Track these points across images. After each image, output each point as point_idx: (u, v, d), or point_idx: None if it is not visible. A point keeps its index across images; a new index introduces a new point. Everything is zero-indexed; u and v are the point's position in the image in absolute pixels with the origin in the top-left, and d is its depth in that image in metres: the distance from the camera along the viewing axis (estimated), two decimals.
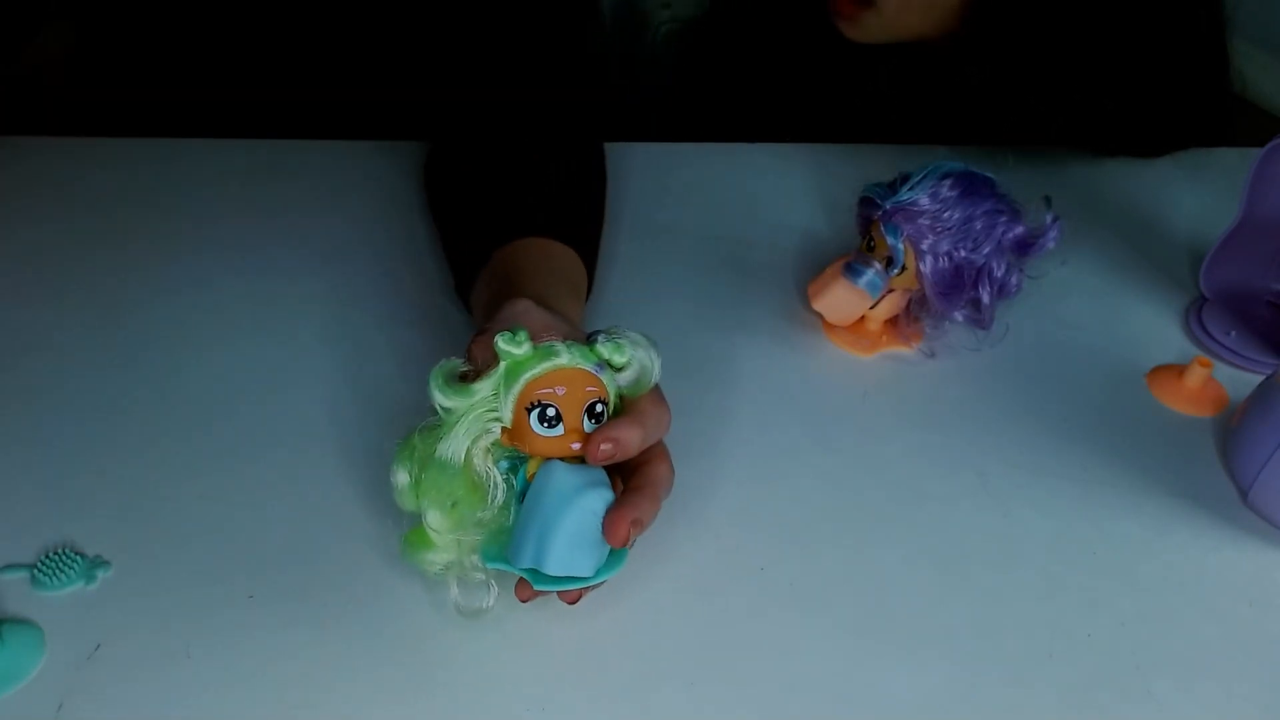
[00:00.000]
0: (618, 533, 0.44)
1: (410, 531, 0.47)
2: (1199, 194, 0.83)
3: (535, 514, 0.44)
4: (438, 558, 0.46)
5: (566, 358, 0.45)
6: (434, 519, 0.45)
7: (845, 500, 0.56)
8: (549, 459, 0.45)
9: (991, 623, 0.50)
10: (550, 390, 0.44)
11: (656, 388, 0.48)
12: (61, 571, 0.49)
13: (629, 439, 0.45)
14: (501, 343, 0.44)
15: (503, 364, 0.45)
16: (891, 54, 0.82)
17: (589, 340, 0.47)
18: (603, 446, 0.44)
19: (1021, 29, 0.74)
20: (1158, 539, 0.55)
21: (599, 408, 0.45)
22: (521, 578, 0.45)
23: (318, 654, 0.47)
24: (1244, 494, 0.56)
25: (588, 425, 0.45)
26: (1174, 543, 0.55)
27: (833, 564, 0.53)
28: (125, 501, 0.53)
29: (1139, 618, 0.51)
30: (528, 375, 0.44)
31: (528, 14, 0.72)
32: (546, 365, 0.44)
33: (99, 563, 0.50)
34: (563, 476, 0.45)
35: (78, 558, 0.49)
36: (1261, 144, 0.65)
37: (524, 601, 0.46)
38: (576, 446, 0.44)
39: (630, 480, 0.47)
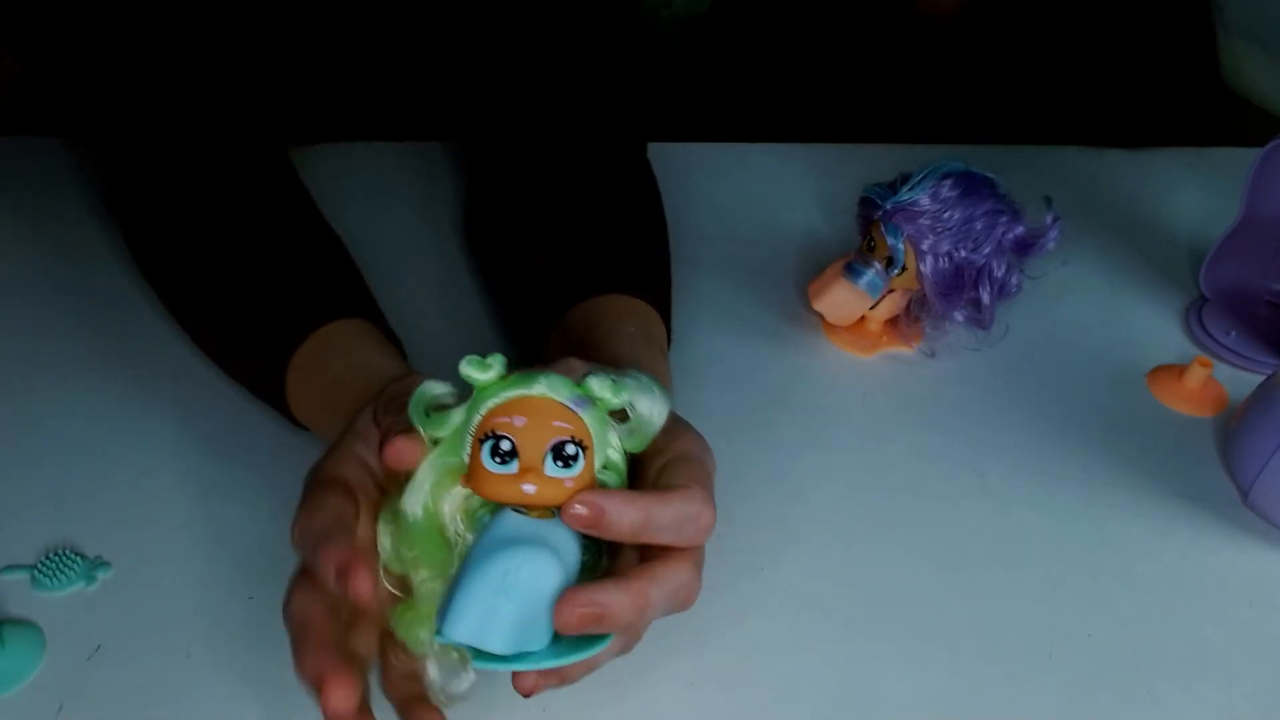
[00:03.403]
0: (561, 614, 0.36)
1: (401, 605, 0.40)
2: (1199, 194, 0.83)
3: (461, 571, 0.37)
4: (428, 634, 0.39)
5: (538, 387, 0.38)
6: (416, 585, 0.39)
7: (845, 500, 0.56)
8: (502, 507, 0.38)
9: (991, 623, 0.50)
10: (508, 420, 0.37)
11: (708, 476, 0.41)
12: (62, 572, 0.49)
13: (617, 514, 0.37)
14: (467, 367, 0.38)
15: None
16: (895, 44, 0.82)
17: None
18: (575, 507, 0.37)
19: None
20: (1158, 539, 0.55)
21: (569, 449, 0.37)
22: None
23: None
24: (1244, 494, 0.56)
25: (551, 468, 0.37)
26: (1174, 543, 0.55)
27: (833, 564, 0.53)
28: (125, 502, 0.53)
29: (1139, 618, 0.51)
30: (489, 403, 0.38)
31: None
32: (510, 393, 0.38)
33: (99, 563, 0.50)
34: (501, 525, 0.38)
35: (78, 558, 0.49)
36: (1261, 144, 0.65)
37: (526, 695, 0.39)
38: (529, 490, 0.37)
39: (632, 567, 0.39)
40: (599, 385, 0.39)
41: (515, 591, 0.36)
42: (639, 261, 0.60)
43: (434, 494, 0.39)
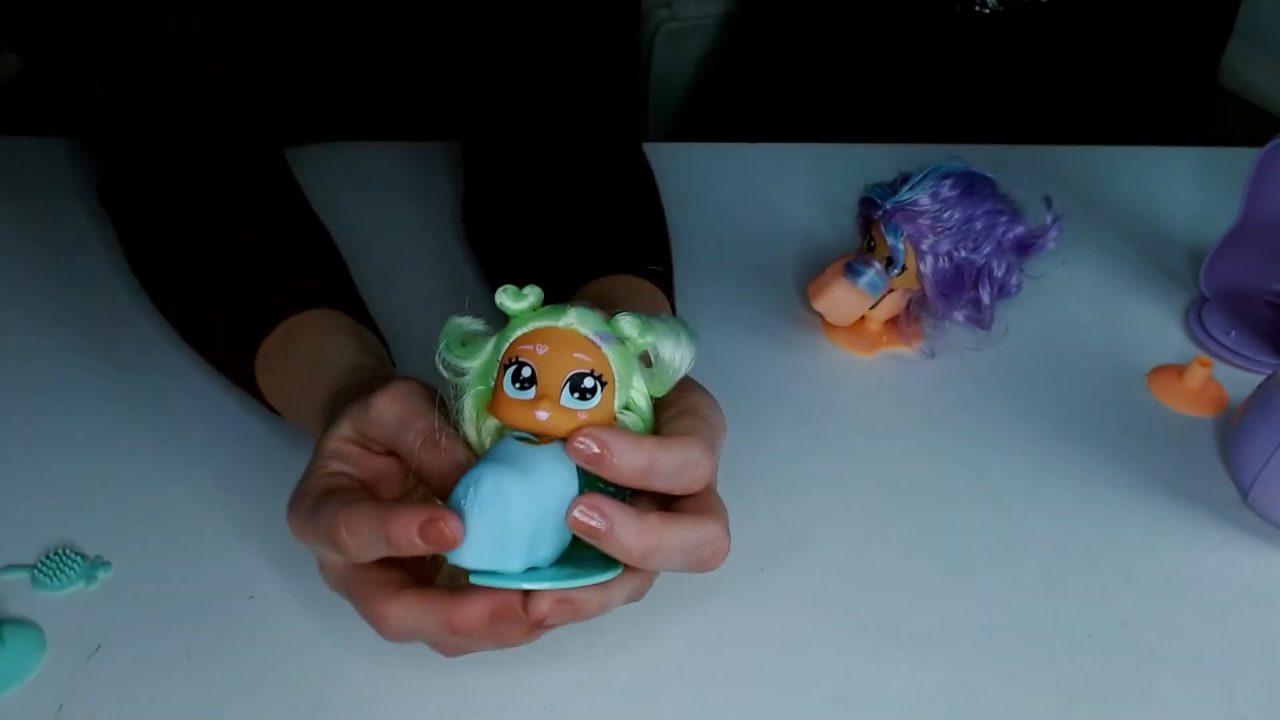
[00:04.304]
0: (570, 513, 0.36)
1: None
2: (1199, 194, 0.83)
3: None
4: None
5: (565, 319, 0.38)
6: None
7: (845, 500, 0.56)
8: (509, 435, 0.39)
9: (991, 623, 0.50)
10: (531, 348, 0.38)
11: (714, 432, 0.41)
12: (62, 572, 0.49)
13: (621, 454, 0.37)
14: (503, 297, 0.39)
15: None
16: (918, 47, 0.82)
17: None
18: (579, 440, 0.37)
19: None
20: (1158, 539, 0.55)
21: (588, 382, 0.38)
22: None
23: (318, 655, 0.47)
24: (1244, 494, 0.56)
25: (567, 398, 0.37)
26: (1174, 543, 0.55)
27: (832, 564, 0.53)
28: (125, 501, 0.53)
29: (1139, 618, 0.51)
30: (519, 331, 0.38)
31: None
32: (538, 323, 0.38)
33: (99, 563, 0.50)
34: (496, 449, 0.38)
35: (78, 558, 0.49)
36: (1261, 144, 0.65)
37: (538, 623, 0.37)
38: (542, 416, 0.37)
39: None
40: (627, 323, 0.39)
41: (475, 506, 0.36)
42: (641, 244, 0.60)
43: (476, 424, 0.40)
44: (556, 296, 0.55)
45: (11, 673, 0.45)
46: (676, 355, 0.40)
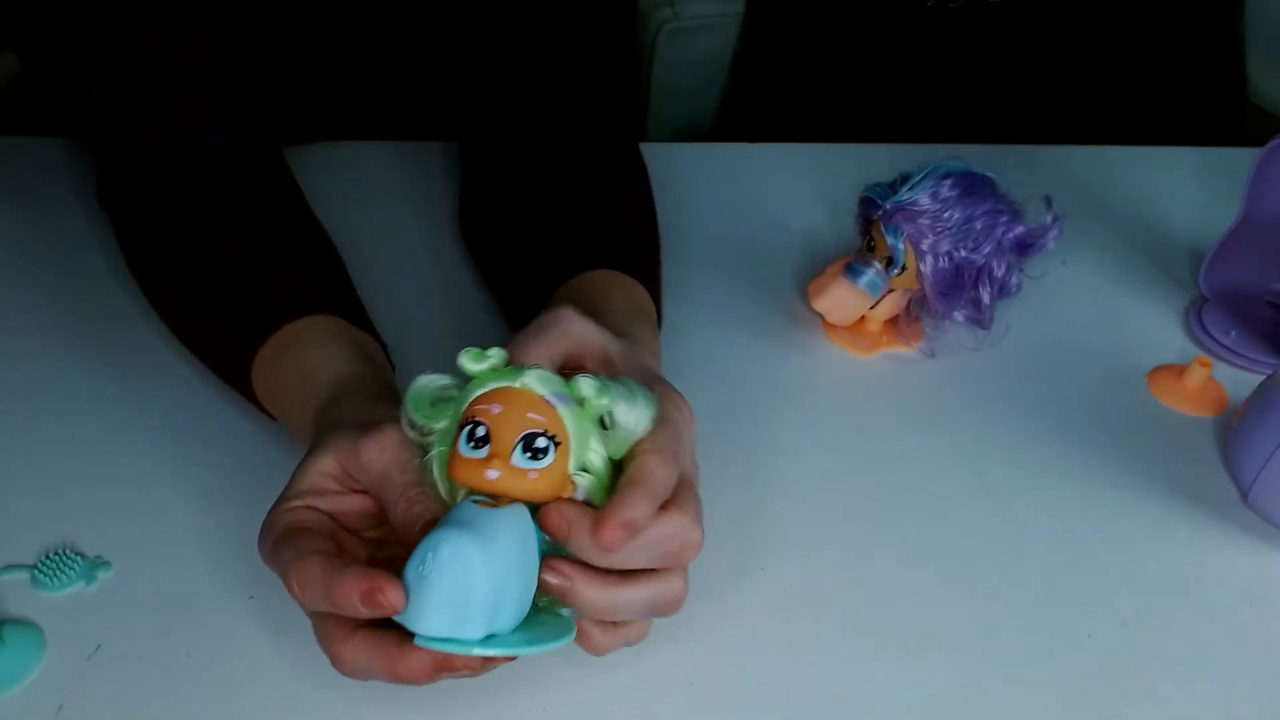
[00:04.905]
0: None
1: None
2: (1199, 194, 0.83)
3: None
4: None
5: (522, 379, 0.38)
6: None
7: (845, 500, 0.56)
8: (468, 498, 0.39)
9: (991, 623, 0.50)
10: (486, 408, 0.38)
11: (666, 444, 0.41)
12: (62, 572, 0.49)
13: (639, 511, 0.38)
14: (464, 359, 0.39)
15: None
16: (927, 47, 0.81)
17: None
18: (609, 532, 0.37)
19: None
20: (1158, 539, 0.55)
21: (540, 441, 0.38)
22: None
23: (318, 655, 0.47)
24: (1244, 494, 0.56)
25: (519, 458, 0.37)
26: (1174, 543, 0.55)
27: (833, 564, 0.53)
28: (125, 501, 0.53)
29: (1139, 618, 0.51)
30: (476, 393, 0.39)
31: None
32: (496, 383, 0.39)
33: (99, 563, 0.50)
34: (453, 512, 0.38)
35: (78, 558, 0.49)
36: (1261, 144, 0.65)
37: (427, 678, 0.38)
38: (492, 475, 0.37)
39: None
40: (585, 385, 0.39)
41: (434, 572, 0.36)
42: (627, 241, 0.60)
43: (443, 484, 0.40)
44: (543, 292, 0.54)
45: (11, 673, 0.45)
46: (632, 418, 0.40)
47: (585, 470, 0.40)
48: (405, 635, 0.38)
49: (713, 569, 0.52)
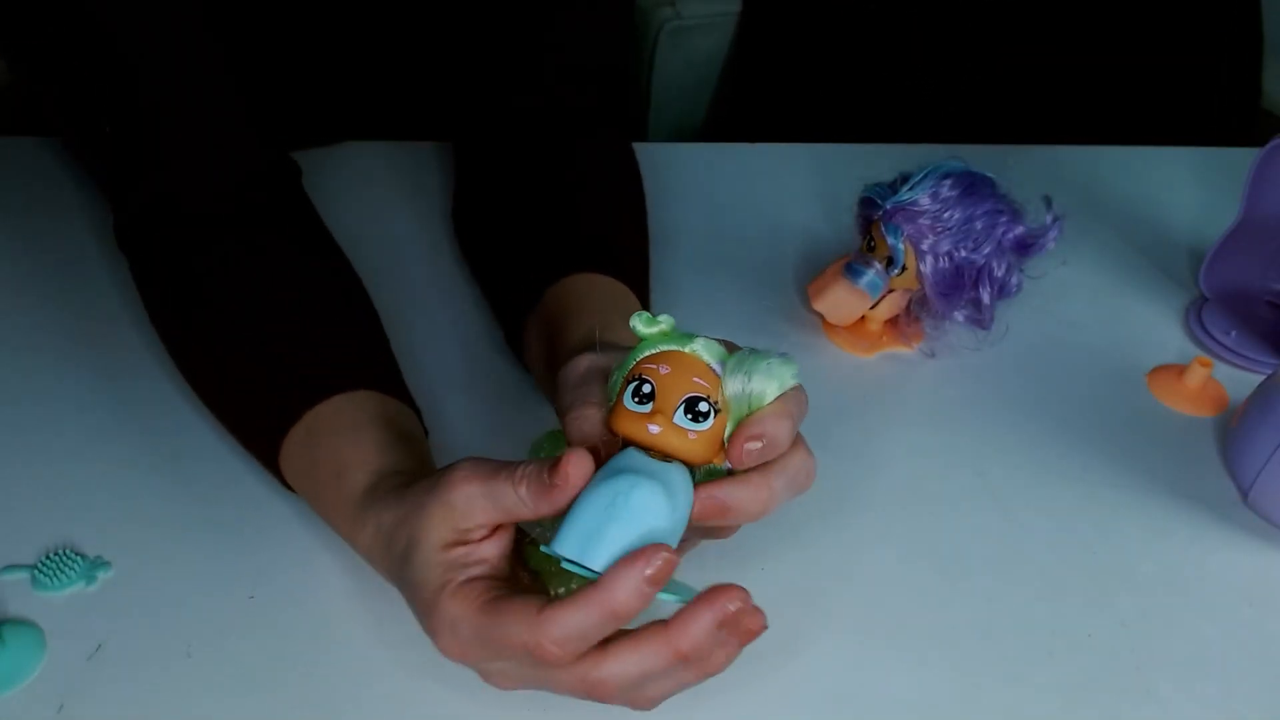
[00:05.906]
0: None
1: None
2: (1199, 194, 0.83)
3: (580, 494, 0.39)
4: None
5: (691, 345, 0.40)
6: None
7: (845, 500, 0.56)
8: (626, 447, 0.40)
9: (991, 623, 0.50)
10: (654, 367, 0.40)
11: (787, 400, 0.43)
12: (62, 572, 0.49)
13: (778, 430, 0.40)
14: (636, 321, 0.41)
15: None
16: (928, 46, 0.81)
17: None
18: (748, 445, 0.40)
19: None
20: (1158, 539, 0.55)
21: (702, 405, 0.39)
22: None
23: (318, 655, 0.47)
24: (1244, 494, 0.56)
25: (680, 418, 0.39)
26: (1174, 543, 0.55)
27: (832, 564, 0.53)
28: (125, 501, 0.53)
29: (1139, 618, 0.51)
30: (645, 353, 0.41)
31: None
32: (665, 346, 0.41)
33: (99, 563, 0.50)
34: (622, 457, 0.40)
35: (78, 558, 0.49)
36: (1262, 144, 0.65)
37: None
38: (654, 430, 0.39)
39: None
40: (739, 359, 0.41)
41: (622, 515, 0.38)
42: (614, 243, 0.60)
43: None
44: (529, 296, 0.55)
45: (11, 673, 0.45)
46: (749, 395, 0.41)
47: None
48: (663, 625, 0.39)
49: (712, 569, 0.52)
